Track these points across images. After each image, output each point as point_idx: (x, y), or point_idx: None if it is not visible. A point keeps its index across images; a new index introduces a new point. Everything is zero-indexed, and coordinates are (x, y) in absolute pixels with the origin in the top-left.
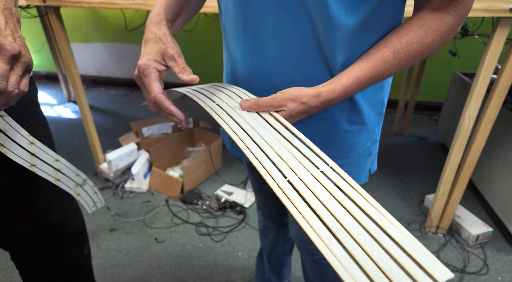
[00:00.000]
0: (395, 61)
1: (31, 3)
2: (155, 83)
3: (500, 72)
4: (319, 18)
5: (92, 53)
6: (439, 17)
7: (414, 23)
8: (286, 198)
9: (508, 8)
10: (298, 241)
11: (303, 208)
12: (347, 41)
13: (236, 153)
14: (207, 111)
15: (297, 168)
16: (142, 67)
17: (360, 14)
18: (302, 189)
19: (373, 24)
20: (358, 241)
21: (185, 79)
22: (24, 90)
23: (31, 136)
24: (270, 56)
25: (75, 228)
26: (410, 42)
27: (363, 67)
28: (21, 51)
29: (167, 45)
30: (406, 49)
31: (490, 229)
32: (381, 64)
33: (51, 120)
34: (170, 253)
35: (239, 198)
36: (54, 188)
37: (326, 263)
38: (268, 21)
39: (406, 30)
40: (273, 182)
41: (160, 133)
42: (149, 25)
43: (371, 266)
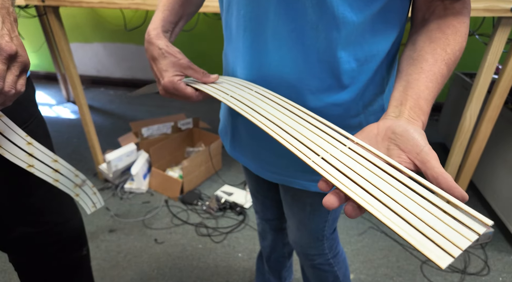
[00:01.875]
0: (448, 74)
1: (30, 3)
2: (188, 89)
3: (501, 72)
4: (321, 17)
5: (91, 53)
6: (463, 20)
7: (448, 32)
8: (326, 173)
9: (509, 8)
10: (297, 247)
11: (344, 180)
12: (353, 41)
13: (233, 154)
14: (223, 101)
15: (326, 147)
16: (168, 86)
17: (367, 11)
18: (336, 164)
19: (381, 23)
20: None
21: (210, 81)
22: (21, 90)
23: (28, 136)
24: (268, 56)
25: (74, 229)
26: (454, 50)
27: (431, 88)
28: (18, 51)
29: (177, 56)
30: (453, 58)
31: (491, 230)
32: (442, 81)
33: (50, 120)
34: (169, 254)
35: (239, 198)
36: (52, 189)
37: (326, 268)
38: (269, 20)
39: (444, 40)
40: (309, 160)
41: (160, 134)
42: (150, 40)
43: (415, 220)
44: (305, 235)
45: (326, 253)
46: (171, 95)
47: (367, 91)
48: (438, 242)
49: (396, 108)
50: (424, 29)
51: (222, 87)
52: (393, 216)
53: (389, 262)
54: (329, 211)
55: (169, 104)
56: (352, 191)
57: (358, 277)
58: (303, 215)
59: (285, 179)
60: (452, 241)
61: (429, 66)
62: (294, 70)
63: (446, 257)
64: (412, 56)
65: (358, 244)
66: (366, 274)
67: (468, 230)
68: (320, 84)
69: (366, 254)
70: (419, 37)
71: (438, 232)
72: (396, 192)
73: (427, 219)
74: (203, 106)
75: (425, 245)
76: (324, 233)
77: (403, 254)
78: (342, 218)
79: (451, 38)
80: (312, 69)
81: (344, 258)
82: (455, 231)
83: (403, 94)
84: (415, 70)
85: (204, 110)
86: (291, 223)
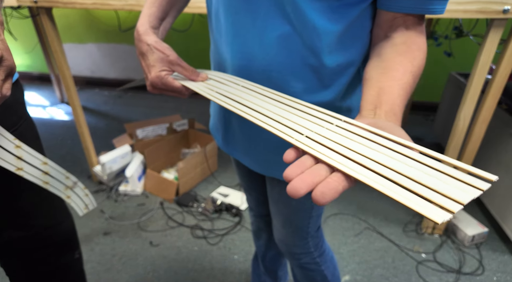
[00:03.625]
0: (414, 85)
1: (22, 4)
2: (176, 82)
3: (494, 72)
4: (303, 27)
5: (85, 53)
6: (423, 40)
7: (413, 47)
8: (310, 148)
9: (502, 10)
10: (282, 246)
11: (332, 154)
12: (335, 47)
13: (226, 149)
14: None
15: (311, 127)
16: (156, 80)
17: (344, 21)
18: (322, 141)
19: (357, 30)
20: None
21: (198, 80)
22: (6, 94)
23: (17, 139)
24: (256, 61)
25: (65, 232)
26: (419, 65)
27: (402, 96)
28: (3, 55)
29: (165, 52)
30: (418, 72)
31: (486, 230)
32: (409, 91)
33: (43, 122)
34: (165, 257)
35: (235, 200)
36: (42, 192)
37: (312, 268)
38: (256, 27)
39: (411, 54)
40: (292, 139)
41: (155, 135)
42: (138, 37)
43: (409, 182)
44: (290, 233)
45: (311, 251)
46: (160, 90)
47: (347, 91)
48: (435, 199)
49: (371, 111)
50: (389, 44)
51: (209, 84)
52: (379, 178)
53: (385, 263)
54: (312, 207)
55: (164, 105)
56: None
57: (354, 278)
58: (288, 211)
59: (275, 173)
60: (451, 197)
61: (400, 76)
62: (280, 73)
63: (442, 213)
64: (380, 66)
65: (354, 245)
66: (362, 275)
67: (469, 187)
68: (305, 86)
69: (362, 255)
70: (386, 50)
71: (435, 190)
72: (388, 158)
73: (421, 179)
74: (199, 107)
75: (418, 203)
76: (308, 231)
77: (399, 254)
78: (339, 219)
79: (416, 53)
80: (297, 72)
81: (331, 257)
82: (454, 188)
83: (376, 99)
84: (387, 78)
85: (200, 111)
86: (276, 221)
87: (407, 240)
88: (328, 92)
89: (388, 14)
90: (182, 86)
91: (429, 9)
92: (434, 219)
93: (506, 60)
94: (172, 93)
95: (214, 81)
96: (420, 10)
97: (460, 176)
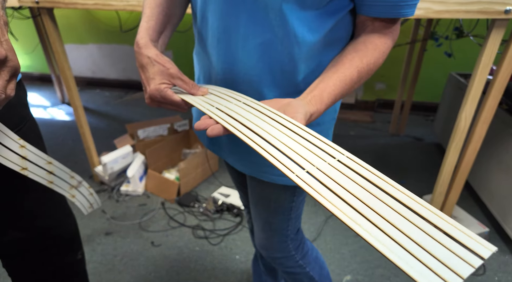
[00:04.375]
0: (358, 79)
1: (23, 4)
2: (175, 96)
3: (495, 73)
4: (285, 35)
5: (86, 54)
6: (385, 41)
7: (369, 46)
8: (309, 188)
9: (503, 10)
10: (264, 251)
11: (328, 195)
12: (311, 55)
13: (212, 149)
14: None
15: (314, 160)
16: (154, 93)
17: (322, 30)
18: (323, 179)
19: (332, 38)
20: (393, 222)
21: (198, 94)
22: (11, 94)
23: (21, 139)
24: (238, 65)
25: (68, 233)
26: (369, 62)
27: (338, 86)
28: (7, 55)
29: (166, 65)
30: (367, 69)
31: (487, 229)
32: (350, 83)
33: (44, 122)
34: (166, 257)
35: (236, 200)
36: (46, 193)
37: (297, 271)
38: (239, 33)
39: (364, 52)
40: (292, 174)
41: (156, 135)
42: (138, 50)
43: (408, 242)
44: (270, 236)
45: (292, 254)
46: (158, 104)
47: None
48: (437, 270)
49: (306, 94)
50: (353, 42)
51: (209, 99)
52: (381, 235)
53: (386, 263)
54: (291, 208)
55: None
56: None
57: (355, 278)
58: (268, 214)
59: (254, 172)
60: (452, 268)
61: (343, 69)
62: (260, 78)
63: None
64: (336, 59)
65: (355, 245)
66: (364, 274)
67: (471, 253)
68: (282, 91)
69: (363, 254)
70: (347, 47)
71: (436, 258)
72: (387, 209)
73: (421, 240)
74: None
75: (422, 273)
76: (288, 233)
77: None
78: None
79: (370, 52)
80: (275, 78)
81: (315, 257)
82: (456, 256)
83: (315, 85)
84: (331, 70)
85: None
86: (256, 225)
87: None
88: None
89: (360, 17)
90: (182, 100)
91: (400, 13)
92: None
93: (507, 60)
94: (170, 107)
95: (215, 96)
96: (388, 15)
97: (462, 240)
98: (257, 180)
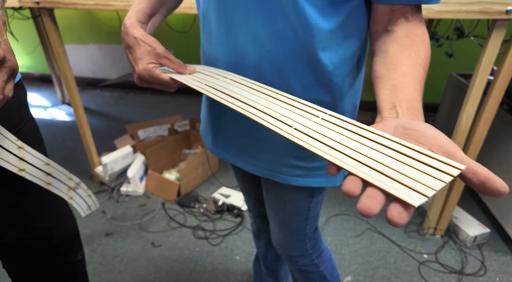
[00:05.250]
0: (425, 77)
1: (24, 5)
2: (163, 75)
3: (496, 73)
4: (297, 22)
5: (87, 54)
6: (424, 30)
7: (415, 39)
8: (299, 140)
9: (504, 10)
10: (280, 249)
11: (316, 144)
12: (327, 44)
13: (217, 152)
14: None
15: (300, 120)
16: (143, 73)
17: (336, 18)
18: (310, 133)
19: (350, 28)
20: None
21: (186, 73)
22: (9, 95)
23: (19, 140)
24: (249, 58)
25: (67, 234)
26: (426, 56)
27: (418, 90)
28: (5, 56)
29: (153, 45)
30: (427, 63)
31: (488, 230)
32: (423, 84)
33: (45, 123)
34: (167, 258)
35: (237, 200)
36: (44, 193)
37: (311, 269)
38: (248, 24)
39: (416, 46)
40: (281, 131)
41: (156, 136)
42: (125, 30)
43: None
44: (288, 236)
45: (309, 253)
46: (147, 83)
47: (342, 91)
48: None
49: (391, 110)
50: (392, 38)
51: (197, 77)
52: (361, 166)
53: (387, 264)
54: (309, 208)
55: (165, 106)
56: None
57: (356, 279)
58: (285, 214)
59: (269, 173)
60: (426, 184)
61: (410, 70)
62: (274, 69)
63: (418, 197)
64: (388, 62)
65: (356, 246)
66: (364, 275)
67: (441, 173)
68: (300, 83)
69: (364, 255)
70: (389, 45)
71: (412, 178)
72: (370, 150)
73: (402, 169)
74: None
75: (397, 189)
76: (306, 232)
77: (401, 255)
78: (340, 219)
79: (420, 45)
80: (292, 69)
81: (329, 257)
82: (429, 176)
83: (393, 97)
84: (398, 74)
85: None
86: (273, 224)
87: (408, 240)
88: (324, 91)
89: (386, 7)
90: (170, 79)
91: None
92: (411, 202)
93: (508, 61)
94: (159, 86)
95: (202, 74)
96: (418, 1)
97: (434, 164)
98: (273, 181)
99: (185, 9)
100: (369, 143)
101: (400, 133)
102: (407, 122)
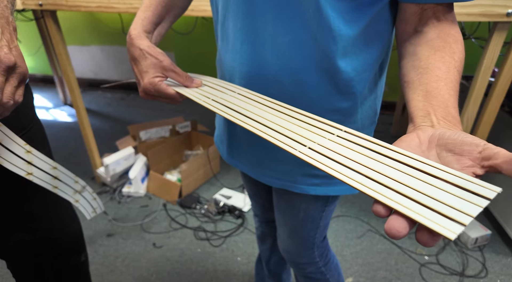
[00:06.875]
0: (459, 81)
1: (27, 7)
2: (169, 89)
3: (497, 75)
4: (319, 29)
5: (89, 56)
6: (457, 30)
7: (449, 40)
8: (313, 160)
9: (505, 13)
10: (287, 255)
11: (333, 165)
12: (348, 50)
13: (231, 162)
14: (205, 106)
15: (313, 138)
16: (149, 87)
17: (359, 24)
18: (325, 152)
19: (372, 34)
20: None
21: (192, 86)
22: (19, 100)
23: (27, 145)
24: (267, 67)
25: (72, 235)
26: (461, 58)
27: (453, 95)
28: (16, 62)
29: (159, 58)
30: (461, 65)
31: (489, 232)
32: (458, 88)
33: (47, 124)
34: (168, 258)
35: (238, 202)
36: (50, 195)
37: (317, 277)
38: (266, 32)
39: (449, 48)
40: (295, 151)
41: (158, 137)
42: (131, 41)
43: (416, 194)
44: (296, 243)
45: (317, 261)
46: (153, 97)
47: (363, 97)
48: (445, 212)
49: (425, 118)
50: (423, 40)
51: (204, 91)
52: (389, 192)
53: (388, 265)
54: (321, 217)
55: (167, 107)
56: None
57: (357, 280)
58: (295, 222)
59: (285, 184)
60: (461, 209)
61: (444, 74)
62: (293, 78)
63: (454, 227)
64: (419, 65)
65: (357, 247)
66: (365, 277)
67: (476, 196)
68: (319, 92)
69: (365, 257)
70: (420, 47)
71: (444, 203)
72: (395, 172)
73: (430, 192)
74: (201, 109)
75: (430, 218)
76: (314, 241)
77: (402, 257)
78: (341, 221)
79: (454, 46)
80: (310, 77)
81: (336, 265)
82: (463, 200)
83: (426, 103)
84: (430, 79)
85: (202, 113)
86: (282, 231)
87: (409, 242)
88: (344, 98)
89: (416, 7)
90: (176, 93)
91: None
92: (449, 236)
93: (509, 63)
94: (165, 100)
95: (209, 87)
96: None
97: (467, 186)
98: (284, 190)
99: (187, 11)
100: (391, 162)
101: (435, 145)
102: (444, 132)
